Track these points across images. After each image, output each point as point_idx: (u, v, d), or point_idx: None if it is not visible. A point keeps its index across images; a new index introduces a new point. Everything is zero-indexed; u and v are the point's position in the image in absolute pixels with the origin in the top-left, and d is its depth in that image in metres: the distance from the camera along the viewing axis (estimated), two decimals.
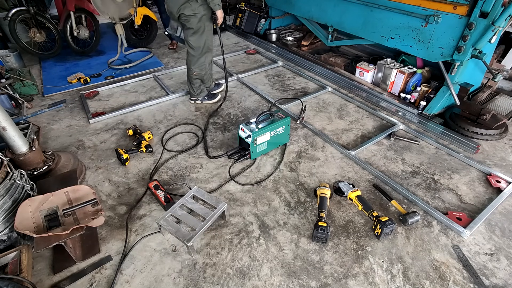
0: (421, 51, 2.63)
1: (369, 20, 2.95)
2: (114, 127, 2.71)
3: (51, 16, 4.50)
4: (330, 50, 4.05)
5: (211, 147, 2.45)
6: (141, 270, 1.58)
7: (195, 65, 2.75)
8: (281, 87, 3.34)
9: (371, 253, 1.63)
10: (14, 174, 1.62)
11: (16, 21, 3.76)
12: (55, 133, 2.66)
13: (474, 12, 2.18)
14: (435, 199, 1.95)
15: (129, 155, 2.27)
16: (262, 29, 4.67)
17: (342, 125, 2.68)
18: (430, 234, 1.73)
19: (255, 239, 1.72)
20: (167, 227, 1.63)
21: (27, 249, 1.47)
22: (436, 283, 1.49)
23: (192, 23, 2.50)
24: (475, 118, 2.45)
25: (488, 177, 2.08)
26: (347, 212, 1.87)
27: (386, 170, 2.18)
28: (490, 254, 1.62)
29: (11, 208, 1.57)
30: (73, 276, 1.55)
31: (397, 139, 2.46)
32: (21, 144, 1.87)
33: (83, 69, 3.88)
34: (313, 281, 1.51)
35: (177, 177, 2.16)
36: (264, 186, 2.08)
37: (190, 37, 2.60)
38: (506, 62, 3.05)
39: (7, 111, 1.89)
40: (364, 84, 3.17)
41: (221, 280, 1.52)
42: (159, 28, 4.87)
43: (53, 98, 3.23)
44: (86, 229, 1.53)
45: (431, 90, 2.73)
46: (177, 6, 2.43)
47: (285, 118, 2.28)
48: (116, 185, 2.11)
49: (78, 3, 3.82)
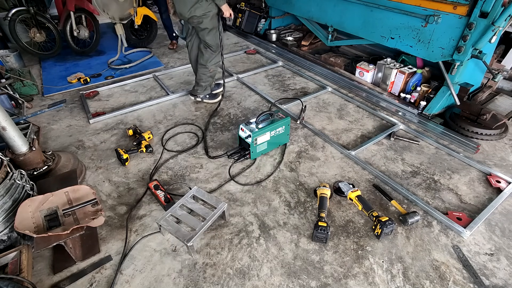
0: (421, 51, 2.63)
1: (369, 20, 2.95)
2: (114, 127, 2.71)
3: (51, 16, 4.50)
4: (330, 50, 4.05)
5: (211, 147, 2.45)
6: (141, 270, 1.58)
7: (212, 62, 2.78)
8: (281, 87, 3.34)
9: (371, 253, 1.63)
10: (14, 174, 1.62)
11: (16, 21, 3.75)
12: (55, 133, 2.66)
13: (474, 12, 2.18)
14: (435, 199, 1.95)
15: (129, 155, 2.27)
16: (262, 29, 4.67)
17: (342, 125, 2.68)
18: (430, 234, 1.73)
19: (255, 239, 1.72)
20: (167, 227, 1.63)
21: (27, 249, 1.47)
22: (436, 283, 1.49)
23: (206, 23, 2.51)
24: (475, 118, 2.45)
25: (488, 177, 2.08)
26: (347, 212, 1.87)
27: (386, 170, 2.18)
28: (490, 254, 1.62)
29: (11, 208, 1.57)
30: (73, 276, 1.55)
31: (397, 139, 2.46)
32: (21, 144, 1.87)
33: (83, 69, 3.88)
34: (313, 281, 1.51)
35: (177, 177, 2.16)
36: (264, 186, 2.08)
37: (207, 37, 2.62)
38: (506, 62, 3.05)
39: (7, 111, 1.89)
40: (364, 84, 3.17)
41: (221, 280, 1.52)
42: (159, 28, 4.87)
43: (53, 98, 3.23)
44: (86, 229, 1.53)
45: (431, 90, 2.73)
46: (187, 7, 2.41)
47: (285, 118, 2.28)
48: (116, 185, 2.11)
49: (78, 3, 3.82)
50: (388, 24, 2.79)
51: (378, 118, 2.77)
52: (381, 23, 2.85)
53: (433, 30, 2.47)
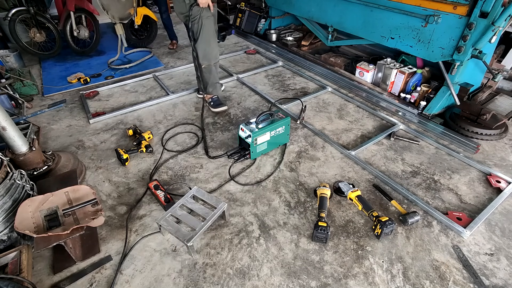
0: (421, 51, 2.63)
1: (369, 20, 2.94)
2: (114, 127, 2.71)
3: (51, 16, 4.50)
4: (330, 50, 4.05)
5: (211, 147, 2.45)
6: (141, 270, 1.58)
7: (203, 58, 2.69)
8: (281, 87, 3.34)
9: (371, 253, 1.63)
10: (14, 174, 1.62)
11: (16, 21, 3.75)
12: (55, 133, 2.66)
13: (474, 12, 2.18)
14: (435, 199, 1.95)
15: (129, 155, 2.27)
16: (262, 29, 4.67)
17: (342, 125, 2.68)
18: (430, 234, 1.73)
19: (255, 239, 1.72)
20: (167, 227, 1.63)
21: (27, 249, 1.47)
22: (436, 283, 1.49)
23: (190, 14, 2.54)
24: (475, 118, 2.45)
25: (488, 177, 2.08)
26: (347, 212, 1.87)
27: (386, 170, 2.18)
28: (490, 254, 1.62)
29: (11, 208, 1.57)
30: (73, 276, 1.55)
31: (397, 139, 2.46)
32: (21, 144, 1.87)
33: (83, 69, 3.88)
34: (313, 281, 1.51)
35: (177, 177, 2.16)
36: (264, 186, 2.08)
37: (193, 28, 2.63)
38: (506, 62, 3.05)
39: (7, 111, 1.89)
40: (364, 84, 3.17)
41: (221, 280, 1.52)
42: (159, 28, 4.87)
43: (53, 98, 3.23)
44: (86, 229, 1.53)
45: (431, 90, 2.73)
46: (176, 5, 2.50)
47: (285, 118, 2.28)
48: (116, 185, 2.11)
49: (78, 3, 3.83)
50: (388, 24, 2.79)
51: (378, 118, 2.77)
52: (381, 23, 2.85)
53: (433, 30, 2.47)
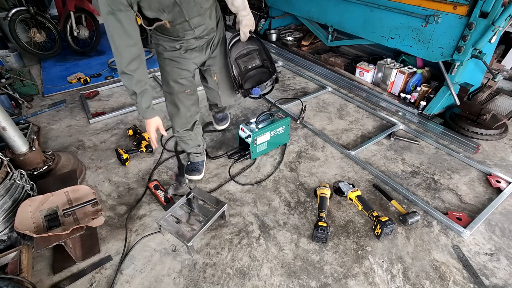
0: (421, 51, 2.63)
1: (369, 20, 2.94)
2: (114, 127, 2.71)
3: (51, 16, 4.49)
4: (330, 50, 4.05)
5: (211, 147, 2.45)
6: (141, 270, 1.58)
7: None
8: (281, 87, 3.34)
9: (371, 253, 1.63)
10: (14, 174, 1.62)
11: (16, 21, 3.75)
12: (55, 133, 2.66)
13: (474, 12, 2.18)
14: (435, 199, 1.95)
15: (129, 155, 2.27)
16: (262, 29, 4.66)
17: (342, 125, 2.68)
18: (430, 234, 1.73)
19: (255, 239, 1.72)
20: (167, 227, 1.63)
21: (27, 249, 1.47)
22: (436, 283, 1.49)
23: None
24: (475, 118, 2.45)
25: (488, 177, 2.08)
26: (347, 212, 1.87)
27: (386, 170, 2.18)
28: (490, 254, 1.62)
29: (11, 208, 1.57)
30: (73, 276, 1.55)
31: (397, 139, 2.46)
32: (21, 144, 1.87)
33: (83, 69, 3.88)
34: (313, 281, 1.51)
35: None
36: (264, 186, 2.07)
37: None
38: (506, 62, 3.05)
39: (7, 111, 1.89)
40: (364, 84, 3.17)
41: (221, 280, 1.52)
42: None
43: (53, 98, 3.23)
44: (86, 229, 1.53)
45: (431, 90, 2.73)
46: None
47: (285, 118, 2.28)
48: (116, 185, 2.11)
49: (78, 3, 3.82)
50: (388, 24, 2.79)
51: (378, 118, 2.77)
52: (381, 23, 2.85)
53: (433, 30, 2.47)
